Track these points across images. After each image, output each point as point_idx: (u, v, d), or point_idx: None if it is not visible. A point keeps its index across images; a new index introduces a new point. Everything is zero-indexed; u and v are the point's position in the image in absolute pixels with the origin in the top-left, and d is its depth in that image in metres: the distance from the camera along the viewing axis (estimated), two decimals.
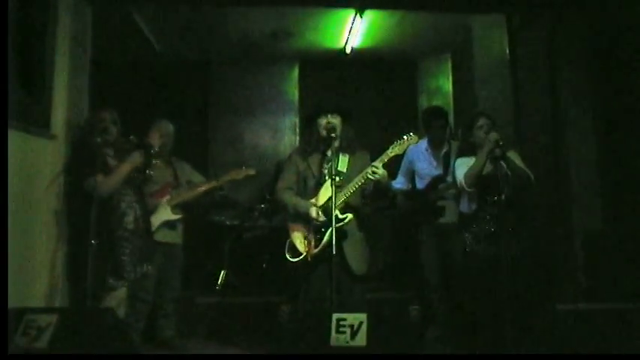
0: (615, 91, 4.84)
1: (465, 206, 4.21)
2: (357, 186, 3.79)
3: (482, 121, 4.20)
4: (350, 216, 3.79)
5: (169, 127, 4.69)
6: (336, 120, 3.95)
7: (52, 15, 4.17)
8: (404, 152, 3.97)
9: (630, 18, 4.64)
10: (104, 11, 5.01)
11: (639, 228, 4.47)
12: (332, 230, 3.55)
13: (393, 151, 3.78)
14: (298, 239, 3.93)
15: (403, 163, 4.97)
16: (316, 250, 3.81)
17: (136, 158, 4.01)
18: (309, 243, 3.85)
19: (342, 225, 3.74)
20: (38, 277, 3.95)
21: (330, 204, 3.68)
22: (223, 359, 4.40)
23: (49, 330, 2.74)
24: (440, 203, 4.70)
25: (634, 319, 4.05)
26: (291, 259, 3.91)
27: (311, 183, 4.02)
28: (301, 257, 3.86)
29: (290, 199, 4.03)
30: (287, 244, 3.98)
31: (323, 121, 3.96)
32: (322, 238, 3.80)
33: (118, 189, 3.96)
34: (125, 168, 3.97)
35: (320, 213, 3.83)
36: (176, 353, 4.41)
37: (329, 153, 3.94)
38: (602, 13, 4.92)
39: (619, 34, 4.82)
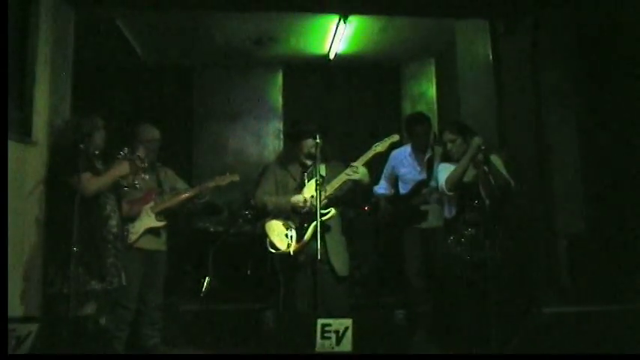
0: (598, 94, 4.88)
1: (446, 211, 4.23)
2: (337, 184, 3.87)
3: (446, 136, 4.26)
4: (333, 210, 3.84)
5: (155, 133, 4.64)
6: (321, 140, 3.99)
7: (33, 20, 4.13)
8: (386, 151, 4.00)
9: (612, 20, 4.68)
10: (87, 16, 4.96)
11: (622, 230, 4.49)
12: (317, 228, 3.58)
13: (375, 150, 3.87)
14: (278, 237, 3.96)
15: (386, 168, 4.98)
16: (298, 246, 3.85)
17: (124, 167, 4.04)
18: (290, 239, 3.88)
19: (326, 219, 3.79)
20: (18, 285, 3.87)
21: (312, 202, 3.70)
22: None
23: (29, 339, 2.70)
24: (423, 208, 4.71)
25: (618, 320, 4.06)
26: (273, 251, 3.97)
27: (292, 186, 4.11)
28: (284, 250, 3.90)
29: (270, 198, 4.12)
30: (267, 242, 4.02)
31: (309, 142, 4.04)
32: (304, 234, 3.82)
33: (104, 192, 3.95)
34: (114, 173, 3.99)
35: (305, 199, 3.86)
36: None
37: (309, 162, 4.03)
38: (583, 17, 4.96)
39: (600, 37, 4.86)
